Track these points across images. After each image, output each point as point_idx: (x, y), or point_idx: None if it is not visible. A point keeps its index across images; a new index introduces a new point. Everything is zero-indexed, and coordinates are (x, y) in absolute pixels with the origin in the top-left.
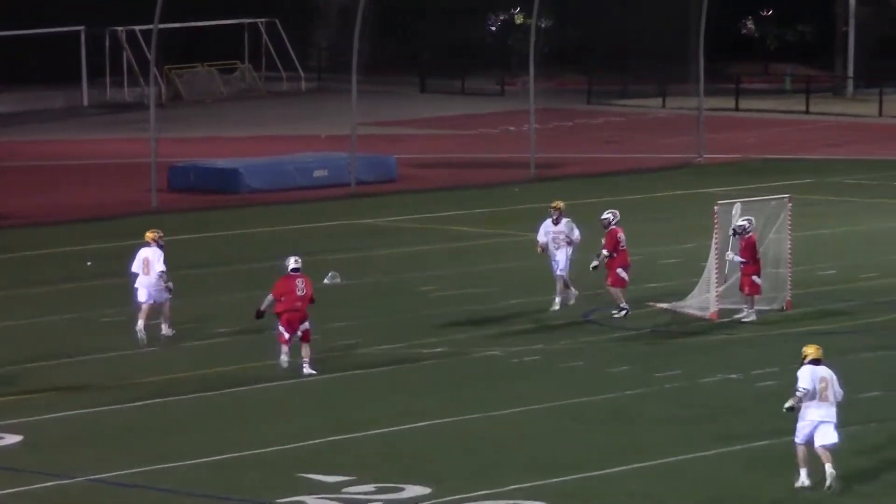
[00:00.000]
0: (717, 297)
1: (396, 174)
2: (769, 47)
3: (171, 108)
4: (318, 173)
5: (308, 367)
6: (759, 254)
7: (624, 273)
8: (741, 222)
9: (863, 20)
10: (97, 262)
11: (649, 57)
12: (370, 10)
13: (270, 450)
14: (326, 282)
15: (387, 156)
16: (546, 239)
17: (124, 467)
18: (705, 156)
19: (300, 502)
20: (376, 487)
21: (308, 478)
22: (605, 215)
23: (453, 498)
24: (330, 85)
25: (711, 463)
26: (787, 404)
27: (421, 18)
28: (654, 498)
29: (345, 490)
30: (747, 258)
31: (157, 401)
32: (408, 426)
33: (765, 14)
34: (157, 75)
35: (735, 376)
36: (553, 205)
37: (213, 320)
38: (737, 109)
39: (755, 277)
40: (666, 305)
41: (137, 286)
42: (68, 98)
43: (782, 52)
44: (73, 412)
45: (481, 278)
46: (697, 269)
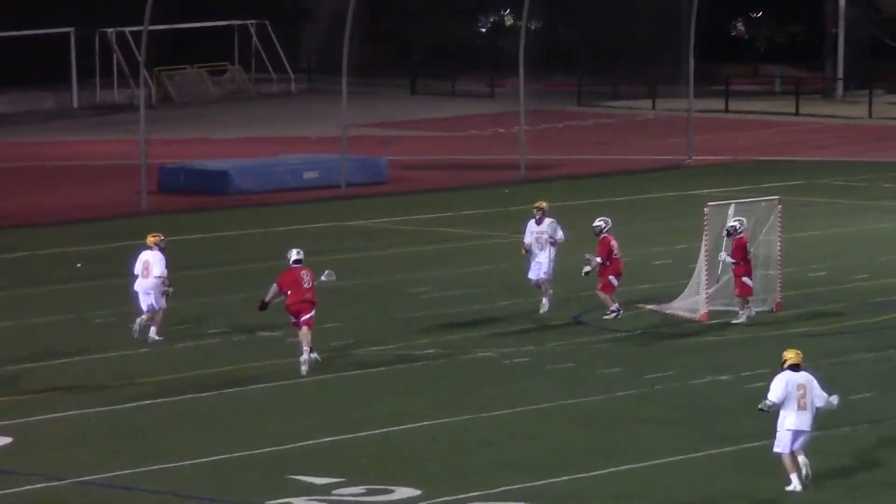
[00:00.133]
0: (706, 298)
1: (387, 176)
2: (759, 49)
3: (161, 109)
4: (309, 175)
5: (313, 353)
6: (749, 255)
7: (615, 281)
8: (732, 223)
9: (852, 22)
10: (87, 263)
11: (639, 59)
12: (360, 11)
13: (261, 451)
14: (323, 279)
15: (377, 157)
16: (530, 239)
17: (115, 469)
18: (695, 157)
19: None
20: (366, 489)
21: (298, 479)
22: (596, 222)
23: (443, 500)
24: (320, 86)
25: (701, 464)
26: (760, 406)
27: (411, 20)
28: (645, 499)
29: (335, 492)
30: (737, 259)
31: (147, 402)
32: (398, 427)
33: (755, 16)
34: (147, 77)
35: (725, 378)
36: (536, 205)
37: (204, 322)
38: (726, 111)
39: (745, 279)
40: (656, 307)
41: (136, 290)
42: (58, 99)
43: (772, 53)
44: (63, 413)
45: (472, 280)
46: (687, 271)
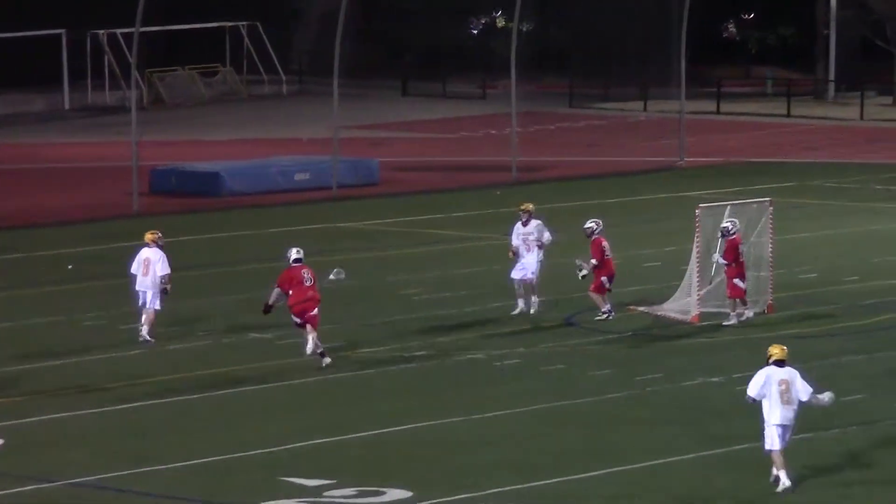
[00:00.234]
0: (698, 300)
1: (378, 177)
2: (750, 51)
3: (152, 111)
4: (300, 176)
5: (312, 342)
6: (742, 256)
7: (608, 282)
8: (725, 224)
9: (844, 24)
10: (78, 265)
11: (631, 60)
12: (352, 13)
13: (251, 453)
14: (332, 278)
15: (369, 159)
16: (517, 241)
17: (105, 470)
18: (686, 159)
19: None
20: (357, 491)
21: (289, 481)
22: (588, 224)
23: (434, 501)
24: (311, 88)
25: (692, 466)
26: (747, 398)
27: (403, 21)
28: (638, 500)
29: (326, 493)
30: (729, 260)
31: (139, 404)
32: (389, 429)
33: (746, 17)
34: (139, 78)
35: (716, 379)
36: (522, 207)
37: (196, 323)
38: (718, 113)
39: (736, 280)
40: (647, 309)
41: (137, 288)
42: (50, 101)
43: (763, 55)
44: (54, 415)
45: (463, 281)
46: (679, 273)
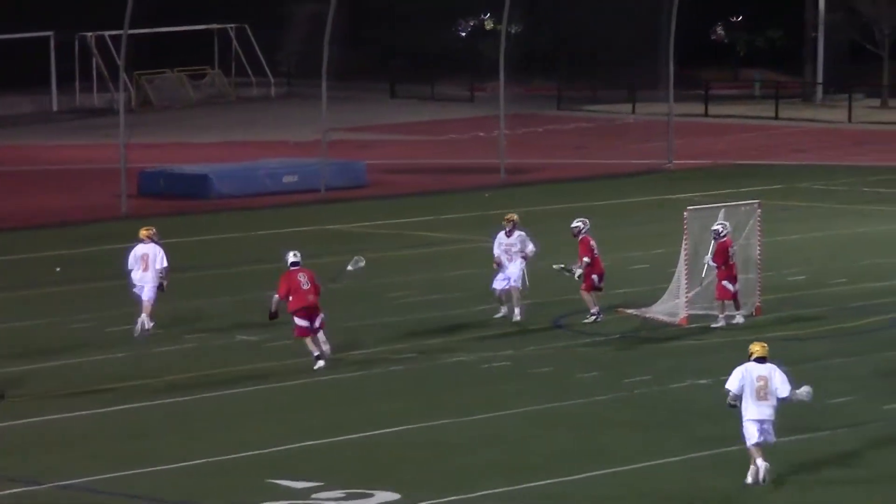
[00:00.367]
0: (686, 302)
1: (366, 180)
2: (739, 53)
3: (140, 113)
4: (288, 179)
5: (326, 348)
6: (731, 259)
7: (598, 280)
8: (716, 226)
9: (832, 26)
10: (66, 267)
11: (619, 63)
12: (340, 15)
13: (239, 455)
14: (350, 268)
15: (357, 161)
16: (499, 251)
17: (93, 473)
18: (675, 161)
19: None
20: (345, 493)
21: (277, 483)
22: (575, 223)
23: None
24: (300, 90)
25: (681, 467)
26: (727, 402)
27: (391, 24)
28: (625, 502)
29: (314, 496)
30: (718, 263)
31: (126, 406)
32: (377, 432)
33: (734, 20)
34: (127, 81)
35: (704, 381)
36: (507, 216)
37: (184, 325)
38: (706, 115)
39: (725, 283)
40: (636, 311)
41: (136, 283)
42: (38, 103)
43: (752, 57)
44: (42, 418)
45: (452, 284)
46: (667, 275)
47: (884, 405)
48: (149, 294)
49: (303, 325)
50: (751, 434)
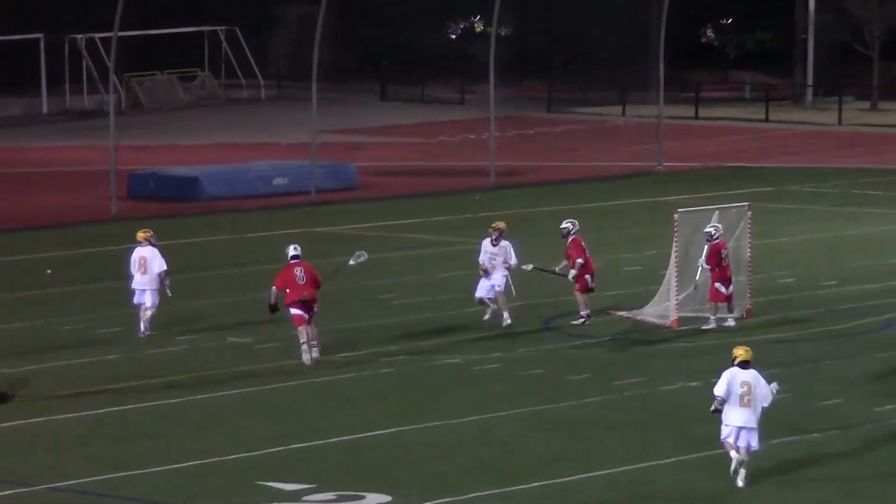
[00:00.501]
0: (676, 305)
1: (357, 182)
2: (729, 55)
3: (130, 115)
4: (279, 181)
5: (315, 352)
6: (724, 261)
7: (591, 280)
8: (708, 228)
9: (822, 28)
10: (57, 269)
11: (609, 65)
12: (330, 17)
13: (231, 457)
14: (352, 263)
15: (347, 164)
16: (484, 258)
17: (84, 475)
18: (665, 164)
19: None
20: (337, 495)
21: (268, 486)
22: (564, 224)
23: None
24: (290, 92)
25: (672, 469)
26: (711, 408)
27: (381, 26)
28: None
29: (305, 498)
30: (711, 265)
31: (117, 408)
32: (369, 434)
33: (724, 22)
34: (117, 83)
35: (695, 384)
36: (494, 225)
37: (174, 328)
38: (696, 117)
39: (717, 284)
40: (627, 313)
41: (135, 287)
42: (28, 105)
43: (742, 60)
44: (32, 420)
45: (442, 286)
46: (658, 278)
47: (874, 407)
48: (151, 301)
49: (297, 313)
50: (727, 434)
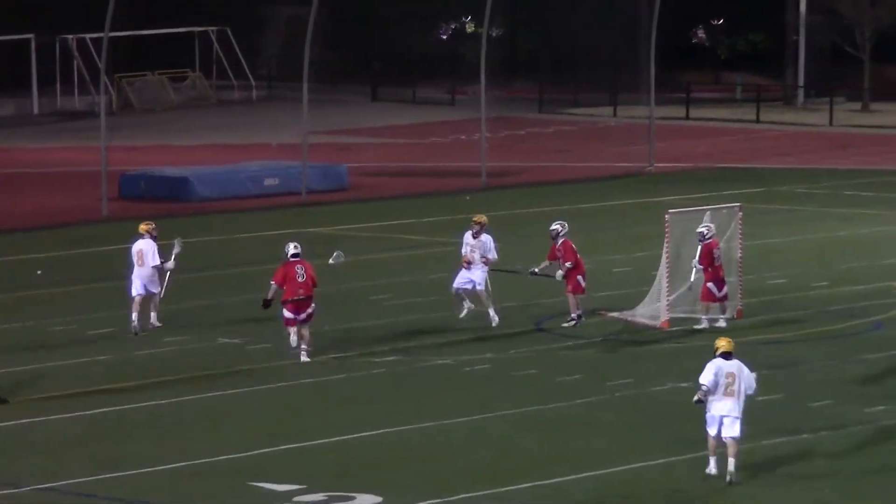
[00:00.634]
0: (667, 306)
1: (348, 183)
2: (720, 56)
3: (121, 116)
4: (269, 182)
5: (305, 355)
6: (717, 261)
7: (583, 281)
8: (701, 228)
9: (813, 29)
10: (48, 270)
11: (600, 66)
12: (321, 18)
13: (221, 458)
14: (331, 262)
15: (338, 164)
16: (466, 251)
17: (74, 476)
18: (656, 164)
19: None
20: (327, 496)
21: (258, 486)
22: (553, 226)
23: None
24: (281, 93)
25: (663, 470)
26: (695, 398)
27: (372, 27)
28: None
29: (295, 499)
30: (704, 265)
31: (107, 409)
32: (360, 435)
33: (716, 23)
34: (108, 83)
35: (686, 385)
36: (475, 218)
37: (165, 328)
38: (687, 118)
39: (709, 284)
40: (618, 314)
41: (133, 278)
42: (18, 106)
43: (733, 61)
44: (22, 421)
45: (433, 287)
46: (649, 278)
47: (865, 408)
48: (152, 289)
49: (289, 316)
50: (711, 426)
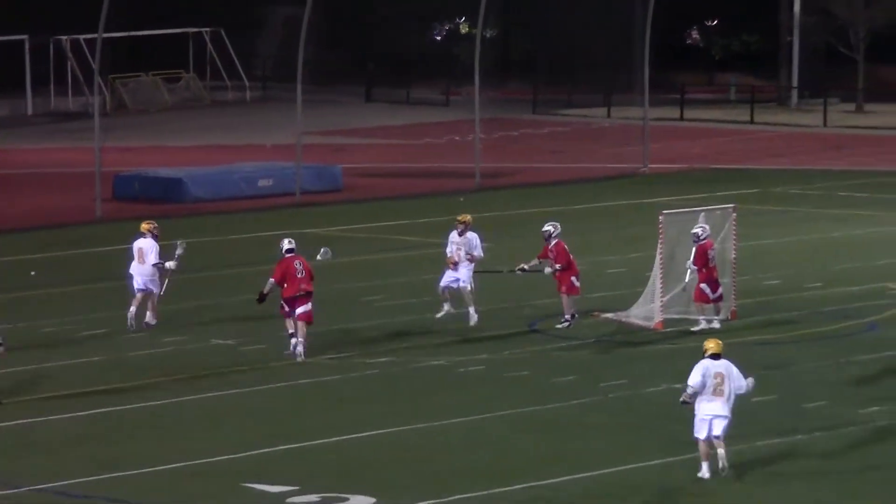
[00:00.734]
0: (661, 307)
1: (342, 183)
2: (714, 57)
3: (115, 117)
4: (263, 182)
5: (301, 349)
6: (711, 262)
7: (577, 281)
8: (695, 229)
9: (807, 30)
10: (41, 271)
11: (594, 67)
12: (315, 19)
13: (215, 459)
14: (319, 258)
15: (332, 165)
16: (452, 250)
17: (70, 476)
18: (650, 165)
19: None
20: (321, 497)
21: (252, 487)
22: (546, 227)
23: None
24: (275, 94)
25: (657, 471)
26: (681, 399)
27: (366, 28)
28: None
29: (289, 500)
30: (698, 266)
31: (102, 410)
32: (353, 436)
33: (710, 24)
34: (102, 84)
35: (680, 385)
36: (459, 217)
37: (158, 330)
38: (682, 119)
39: (703, 286)
40: (611, 315)
41: (132, 274)
42: (12, 107)
43: (727, 62)
44: (17, 422)
45: (427, 288)
46: (643, 279)
47: (859, 409)
48: (152, 288)
49: (287, 310)
50: (700, 429)
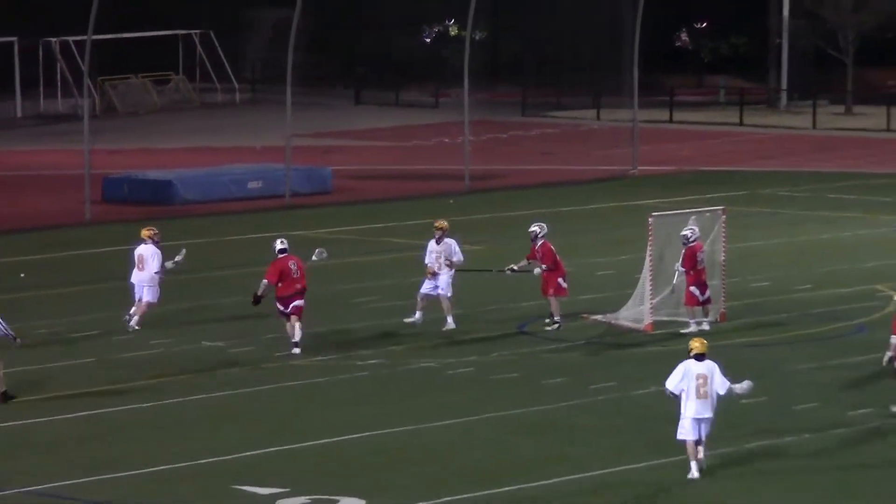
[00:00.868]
0: (651, 309)
1: (331, 186)
2: (703, 59)
3: (104, 119)
4: (253, 185)
5: (297, 348)
6: (700, 264)
7: (564, 282)
8: (685, 232)
9: (796, 33)
10: (30, 273)
11: (584, 69)
12: (305, 21)
13: (204, 461)
14: (314, 258)
15: (322, 167)
16: (430, 259)
17: (58, 478)
18: (639, 168)
19: None
20: (311, 499)
21: (242, 489)
22: (532, 228)
23: None
24: (264, 96)
25: (647, 473)
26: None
27: (355, 30)
28: None
29: (279, 502)
30: (687, 268)
31: (90, 412)
32: (343, 438)
33: (699, 26)
34: (91, 86)
35: None
36: (436, 224)
37: (148, 331)
38: (671, 121)
39: (692, 288)
40: (600, 317)
41: (133, 282)
42: (1, 109)
43: (716, 64)
44: (6, 423)
45: (416, 290)
46: (632, 281)
47: (848, 411)
48: (147, 297)
49: (282, 310)
50: (686, 430)
